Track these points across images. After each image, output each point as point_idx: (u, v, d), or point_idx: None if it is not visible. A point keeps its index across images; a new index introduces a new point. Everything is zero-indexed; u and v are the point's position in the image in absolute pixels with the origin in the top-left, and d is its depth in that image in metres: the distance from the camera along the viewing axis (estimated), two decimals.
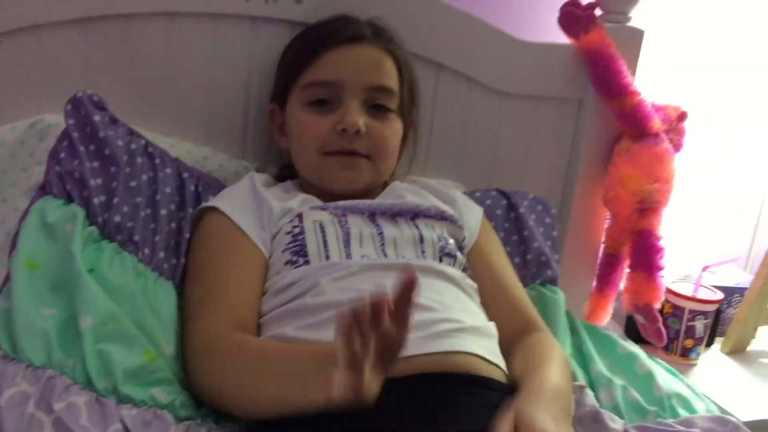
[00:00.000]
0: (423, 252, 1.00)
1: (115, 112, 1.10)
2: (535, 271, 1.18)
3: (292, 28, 1.16)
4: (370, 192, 1.08)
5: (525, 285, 1.15)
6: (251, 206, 1.02)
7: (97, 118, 1.00)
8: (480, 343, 0.90)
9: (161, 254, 0.98)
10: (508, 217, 1.21)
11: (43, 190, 0.97)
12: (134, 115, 1.12)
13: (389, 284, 0.68)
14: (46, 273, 0.87)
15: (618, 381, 1.06)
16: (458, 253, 1.04)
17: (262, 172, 1.17)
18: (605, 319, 1.33)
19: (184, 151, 1.15)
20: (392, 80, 1.07)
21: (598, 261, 1.34)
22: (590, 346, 1.13)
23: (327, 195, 1.06)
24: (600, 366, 1.08)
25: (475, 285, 1.02)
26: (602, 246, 1.35)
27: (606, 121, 1.33)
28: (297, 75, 1.07)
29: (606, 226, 1.34)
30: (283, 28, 1.16)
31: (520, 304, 1.05)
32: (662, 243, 1.27)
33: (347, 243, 0.97)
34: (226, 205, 1.01)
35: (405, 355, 0.74)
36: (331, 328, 0.81)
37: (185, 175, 1.07)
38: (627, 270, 1.31)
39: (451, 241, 1.05)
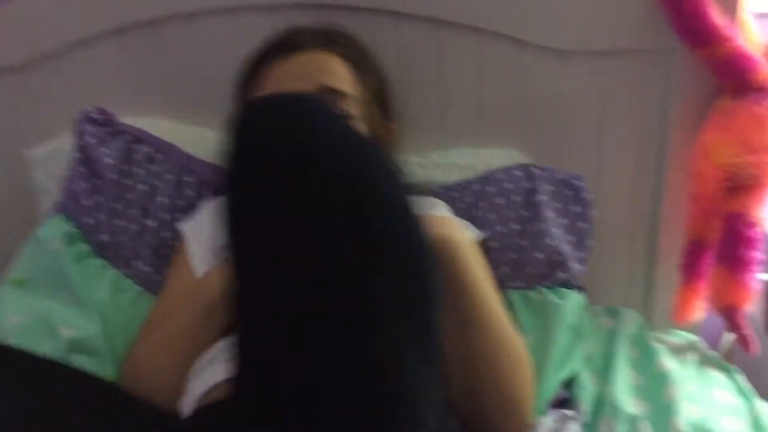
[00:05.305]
0: None
1: (154, 111, 1.19)
2: (546, 271, 1.00)
3: (310, 11, 1.10)
4: None
5: (531, 287, 1.00)
6: (208, 231, 0.97)
7: (88, 138, 1.05)
8: None
9: (147, 268, 1.01)
10: (528, 203, 1.04)
11: (56, 207, 1.06)
12: (174, 111, 1.20)
13: None
14: (33, 285, 0.95)
15: (633, 410, 0.88)
16: None
17: None
18: (696, 316, 1.09)
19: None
20: (342, 82, 0.94)
21: (682, 248, 1.10)
22: (621, 363, 0.95)
23: None
24: (614, 390, 0.91)
25: None
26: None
27: (706, 74, 1.06)
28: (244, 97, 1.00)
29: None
30: (299, 12, 1.11)
31: None
32: (757, 231, 1.00)
33: None
34: (188, 226, 1.01)
35: None
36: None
37: (185, 179, 1.07)
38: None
39: None
